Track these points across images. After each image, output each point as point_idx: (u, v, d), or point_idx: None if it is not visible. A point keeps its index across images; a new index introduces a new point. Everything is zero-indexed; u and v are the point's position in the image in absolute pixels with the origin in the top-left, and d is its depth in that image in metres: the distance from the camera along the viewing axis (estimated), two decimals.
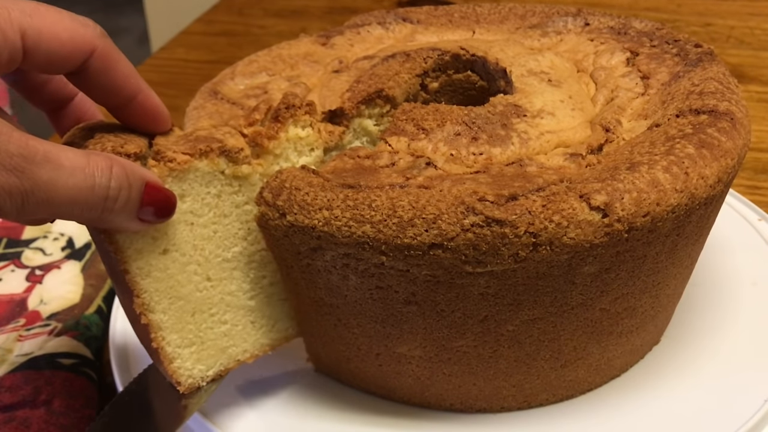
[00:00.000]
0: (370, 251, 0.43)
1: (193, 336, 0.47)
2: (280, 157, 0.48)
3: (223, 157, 0.45)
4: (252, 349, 0.50)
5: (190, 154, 0.44)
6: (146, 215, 0.41)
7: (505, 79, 0.55)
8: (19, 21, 0.37)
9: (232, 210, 0.46)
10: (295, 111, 0.48)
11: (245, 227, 0.47)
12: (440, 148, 0.48)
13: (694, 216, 0.46)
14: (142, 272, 0.44)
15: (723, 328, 0.56)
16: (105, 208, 0.39)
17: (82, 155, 0.38)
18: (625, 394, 0.52)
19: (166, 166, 0.43)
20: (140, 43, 2.77)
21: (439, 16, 0.67)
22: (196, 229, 0.45)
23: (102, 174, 0.38)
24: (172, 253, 0.45)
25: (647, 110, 0.51)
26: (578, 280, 0.44)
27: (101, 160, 0.39)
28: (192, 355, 0.47)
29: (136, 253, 0.43)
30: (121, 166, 0.39)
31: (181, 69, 1.10)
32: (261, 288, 0.49)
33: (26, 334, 0.62)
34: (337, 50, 0.62)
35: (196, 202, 0.45)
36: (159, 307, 0.45)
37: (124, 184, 0.39)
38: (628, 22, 0.61)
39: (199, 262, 0.46)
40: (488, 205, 0.41)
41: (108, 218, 0.40)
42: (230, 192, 0.46)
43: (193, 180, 0.44)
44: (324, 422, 0.51)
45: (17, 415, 0.54)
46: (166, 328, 0.46)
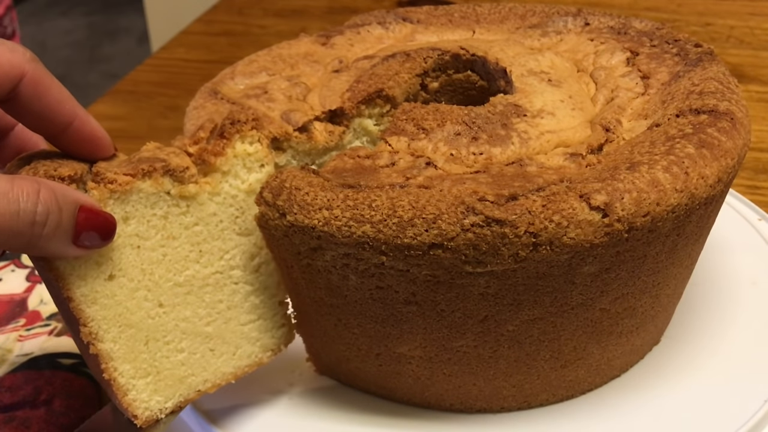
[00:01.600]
0: (370, 251, 0.43)
1: (147, 366, 0.45)
2: (229, 174, 0.46)
3: (168, 176, 0.44)
4: (213, 378, 0.48)
5: (131, 174, 0.42)
6: (84, 240, 0.40)
7: (505, 78, 0.55)
8: None
9: (181, 231, 0.45)
10: (240, 126, 0.46)
11: (196, 249, 0.46)
12: (440, 147, 0.48)
13: (694, 216, 0.45)
14: (87, 299, 0.42)
15: (723, 328, 0.56)
16: (33, 234, 0.37)
17: (6, 180, 0.36)
18: (625, 394, 0.52)
19: (106, 188, 0.42)
20: (140, 43, 2.77)
21: (439, 15, 0.67)
22: (143, 252, 0.44)
23: (27, 198, 0.37)
24: (118, 279, 0.43)
25: (647, 110, 0.51)
26: (578, 280, 0.44)
27: (27, 184, 0.37)
28: (148, 386, 0.45)
29: (79, 279, 0.41)
30: (50, 189, 0.38)
31: (181, 69, 1.10)
32: (218, 313, 0.47)
33: (26, 334, 0.62)
34: (337, 50, 0.62)
35: (142, 224, 0.43)
36: (108, 335, 0.43)
37: (53, 208, 0.38)
38: (628, 21, 0.61)
39: (149, 287, 0.44)
40: (488, 205, 0.41)
41: (39, 244, 0.38)
42: (178, 213, 0.44)
43: (137, 201, 0.43)
44: (324, 422, 0.51)
45: (17, 415, 0.54)
46: (117, 357, 0.44)
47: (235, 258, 0.47)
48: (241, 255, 0.47)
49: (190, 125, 0.54)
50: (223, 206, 0.46)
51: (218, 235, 0.46)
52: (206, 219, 0.46)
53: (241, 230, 0.47)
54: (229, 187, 0.46)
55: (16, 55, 0.39)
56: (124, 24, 2.98)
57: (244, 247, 0.47)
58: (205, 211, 0.45)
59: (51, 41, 2.93)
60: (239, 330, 0.48)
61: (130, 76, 1.08)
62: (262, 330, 0.49)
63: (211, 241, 0.46)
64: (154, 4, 2.07)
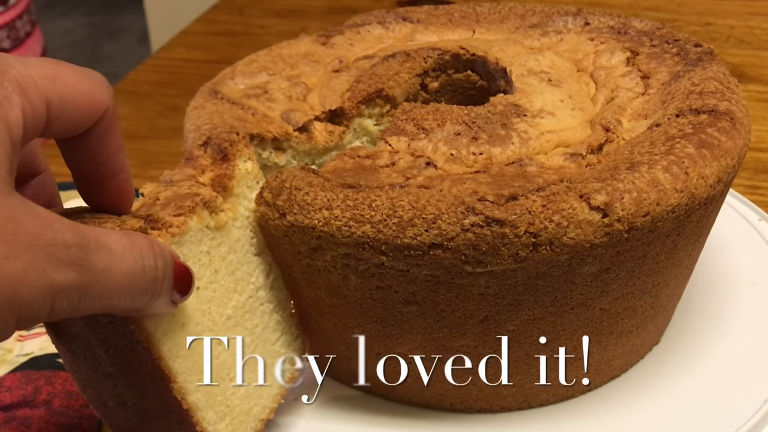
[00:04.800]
0: (370, 251, 0.43)
1: (223, 407, 0.44)
2: (240, 196, 0.45)
3: (206, 209, 0.42)
4: (269, 404, 0.48)
5: (182, 214, 0.40)
6: (175, 296, 0.37)
7: (505, 78, 0.55)
8: (45, 91, 0.33)
9: (221, 264, 0.44)
10: (237, 145, 0.46)
11: (233, 278, 0.45)
12: (440, 147, 0.48)
13: (694, 216, 0.45)
14: (172, 354, 0.40)
15: (723, 328, 0.56)
16: (155, 292, 0.35)
17: (125, 235, 0.34)
18: (625, 394, 0.52)
19: (168, 233, 0.39)
20: (140, 43, 2.77)
21: (439, 15, 0.67)
22: (201, 293, 0.42)
23: (148, 254, 0.34)
24: (188, 326, 0.41)
25: (647, 110, 0.51)
26: (578, 280, 0.44)
27: (141, 239, 0.35)
28: (227, 427, 0.44)
29: (163, 335, 0.39)
30: (158, 244, 0.35)
31: (181, 69, 1.10)
32: (257, 337, 0.47)
33: (26, 334, 0.62)
34: (337, 50, 0.62)
35: (195, 264, 0.41)
36: (193, 386, 0.41)
37: (167, 263, 0.36)
38: (628, 21, 0.61)
39: (210, 327, 0.43)
40: (488, 205, 0.41)
41: (152, 304, 0.35)
42: (216, 246, 0.43)
43: (189, 242, 0.41)
44: (324, 422, 0.51)
45: (17, 415, 0.54)
46: (203, 407, 0.42)
47: (258, 279, 0.47)
48: (260, 274, 0.47)
49: (190, 125, 0.54)
50: (242, 230, 0.45)
51: (244, 259, 0.46)
52: (234, 246, 0.45)
53: (256, 250, 0.47)
54: (243, 209, 0.46)
55: (103, 90, 0.35)
56: (124, 24, 2.98)
57: (261, 267, 0.47)
58: (232, 238, 0.44)
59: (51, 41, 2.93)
60: (272, 349, 0.48)
61: (130, 76, 1.08)
62: (286, 345, 0.50)
63: (241, 267, 0.45)
64: (154, 4, 2.07)
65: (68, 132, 0.35)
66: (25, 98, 0.32)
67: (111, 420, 0.45)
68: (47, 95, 0.33)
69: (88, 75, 0.35)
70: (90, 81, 0.35)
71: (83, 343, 0.40)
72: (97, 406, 0.45)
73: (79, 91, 0.34)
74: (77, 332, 0.40)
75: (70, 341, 0.41)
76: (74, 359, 0.42)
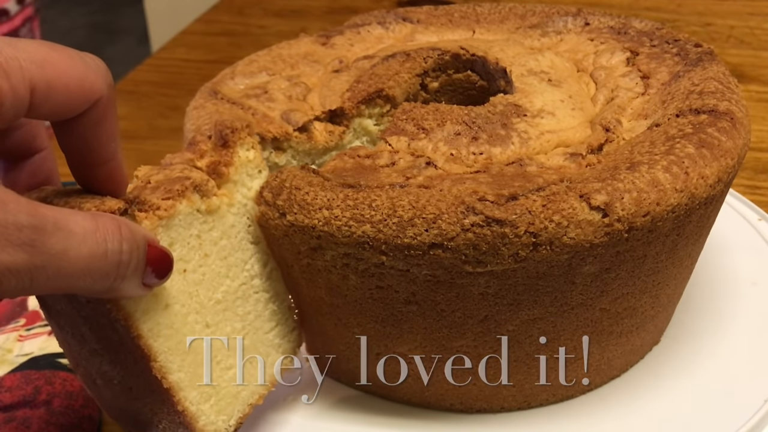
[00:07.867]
0: (370, 251, 0.43)
1: (208, 388, 0.44)
2: (238, 183, 0.46)
3: (197, 193, 0.43)
4: (258, 390, 0.48)
5: (170, 198, 0.41)
6: (149, 279, 0.37)
7: (505, 78, 0.55)
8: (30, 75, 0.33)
9: (211, 248, 0.44)
10: (240, 133, 0.46)
11: (225, 263, 0.45)
12: (440, 147, 0.48)
13: (694, 216, 0.46)
14: (153, 333, 0.40)
15: (723, 328, 0.56)
16: (118, 275, 0.35)
17: (89, 218, 0.33)
18: (625, 394, 0.52)
19: (155, 215, 0.40)
20: (140, 43, 2.77)
21: (439, 15, 0.67)
22: (188, 276, 0.43)
23: (113, 237, 0.34)
24: (172, 307, 0.42)
25: (647, 110, 0.51)
26: (578, 280, 0.44)
27: (108, 221, 0.34)
28: (212, 408, 0.45)
29: (144, 315, 0.40)
30: (128, 227, 0.35)
31: (181, 69, 1.10)
32: (249, 324, 0.47)
33: (26, 334, 0.62)
34: (337, 50, 0.62)
35: (184, 247, 0.42)
36: (174, 366, 0.42)
37: (134, 246, 0.35)
38: (628, 21, 0.61)
39: (197, 310, 0.43)
40: (488, 205, 0.41)
41: (117, 287, 0.35)
42: (207, 230, 0.44)
43: (178, 225, 0.41)
44: (324, 422, 0.51)
45: (17, 415, 0.54)
46: (185, 386, 0.43)
47: (253, 267, 0.47)
48: (256, 263, 0.47)
49: (190, 125, 0.54)
50: (238, 216, 0.46)
51: (238, 246, 0.46)
52: (228, 231, 0.45)
53: (253, 238, 0.47)
54: (240, 196, 0.46)
55: (98, 77, 0.36)
56: (124, 24, 2.98)
57: (258, 255, 0.47)
58: (226, 224, 0.45)
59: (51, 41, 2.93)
60: (265, 338, 0.49)
61: (130, 76, 1.08)
62: (281, 336, 0.50)
63: (234, 253, 0.46)
64: (154, 4, 2.07)
65: (57, 116, 0.36)
66: (5, 81, 0.32)
67: (101, 398, 0.46)
68: (32, 79, 0.33)
69: (84, 60, 0.35)
70: (85, 67, 0.35)
71: (70, 319, 0.41)
72: (88, 384, 0.46)
73: (71, 76, 0.34)
74: (62, 308, 0.41)
75: (58, 317, 0.42)
76: (64, 336, 0.43)
